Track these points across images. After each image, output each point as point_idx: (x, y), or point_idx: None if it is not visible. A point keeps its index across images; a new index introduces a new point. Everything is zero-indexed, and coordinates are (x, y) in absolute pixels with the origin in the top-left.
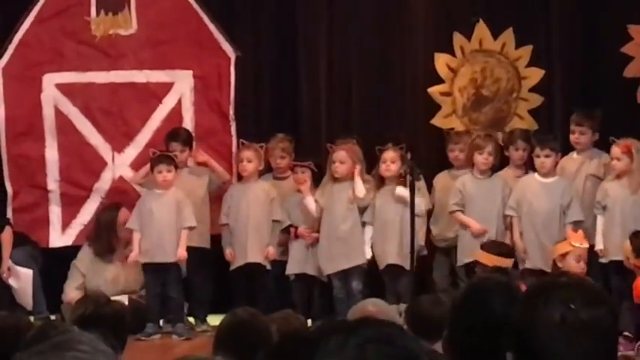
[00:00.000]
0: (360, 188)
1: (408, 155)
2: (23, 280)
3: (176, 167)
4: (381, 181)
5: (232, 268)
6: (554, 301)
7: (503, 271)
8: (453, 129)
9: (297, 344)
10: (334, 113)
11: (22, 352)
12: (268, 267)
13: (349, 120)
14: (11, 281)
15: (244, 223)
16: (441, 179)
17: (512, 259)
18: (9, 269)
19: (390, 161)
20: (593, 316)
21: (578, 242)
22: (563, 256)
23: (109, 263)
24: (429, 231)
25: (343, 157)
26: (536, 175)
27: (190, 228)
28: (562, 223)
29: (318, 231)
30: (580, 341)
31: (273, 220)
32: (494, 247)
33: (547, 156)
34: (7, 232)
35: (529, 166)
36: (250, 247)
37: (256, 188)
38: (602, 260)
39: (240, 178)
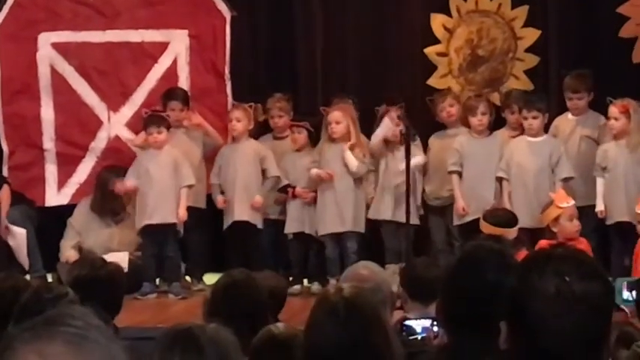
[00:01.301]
0: (351, 162)
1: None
2: (18, 239)
3: (168, 127)
4: (386, 141)
5: (224, 227)
6: (550, 272)
7: (497, 239)
8: (443, 89)
9: None
10: (330, 73)
11: (14, 326)
12: (260, 225)
13: (345, 80)
14: (9, 240)
15: (232, 181)
16: (436, 139)
17: (513, 227)
18: (6, 228)
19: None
20: (587, 289)
21: (564, 202)
22: (556, 220)
23: (104, 224)
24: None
25: (339, 117)
26: (525, 136)
27: (189, 186)
28: (551, 181)
29: (315, 191)
30: (574, 314)
31: (268, 177)
32: (492, 216)
33: (534, 117)
34: (5, 190)
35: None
36: (238, 205)
37: (245, 147)
38: (608, 222)
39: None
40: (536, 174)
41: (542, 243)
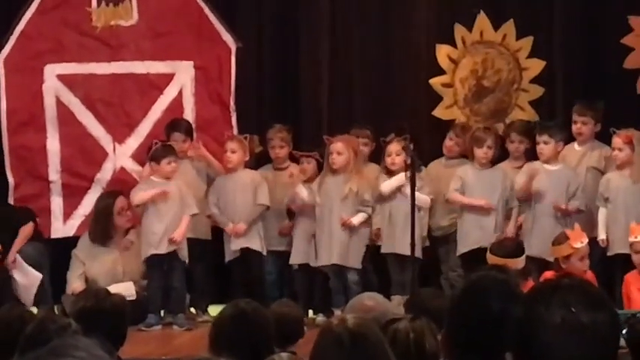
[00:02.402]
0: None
1: (411, 146)
2: (30, 280)
3: (177, 160)
4: (387, 172)
5: (227, 258)
6: (556, 303)
7: (502, 268)
8: (455, 120)
9: None
10: (336, 104)
11: (19, 357)
12: (264, 252)
13: (351, 111)
14: (16, 274)
15: (232, 212)
16: (434, 168)
17: (521, 257)
18: (14, 261)
19: (395, 154)
20: (593, 320)
21: (578, 242)
22: (567, 257)
23: (108, 252)
24: None
25: (341, 148)
26: (544, 163)
27: (192, 215)
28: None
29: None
30: (580, 345)
31: (259, 204)
32: (499, 249)
33: (545, 142)
34: (29, 227)
35: (529, 158)
36: (244, 234)
37: (242, 177)
38: (609, 253)
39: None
40: (552, 203)
41: (547, 274)
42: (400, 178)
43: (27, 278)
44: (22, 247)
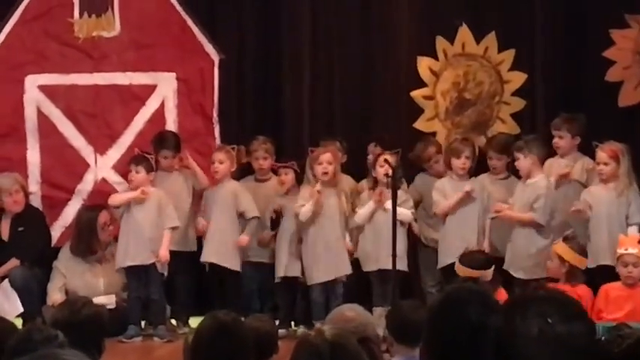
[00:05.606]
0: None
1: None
2: (9, 307)
3: (149, 170)
4: (374, 183)
5: (204, 262)
6: (532, 314)
7: (475, 280)
8: (434, 133)
9: None
10: (317, 116)
11: None
12: (238, 268)
13: (332, 123)
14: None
15: (214, 224)
16: (422, 180)
17: (489, 269)
18: None
19: (379, 165)
20: (570, 331)
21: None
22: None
23: (89, 264)
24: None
25: (331, 159)
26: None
27: (173, 228)
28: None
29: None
30: (557, 355)
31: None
32: (467, 260)
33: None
34: (15, 262)
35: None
36: (216, 248)
37: (225, 188)
38: (590, 265)
39: None
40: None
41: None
42: (370, 205)
43: (7, 304)
44: (13, 270)
